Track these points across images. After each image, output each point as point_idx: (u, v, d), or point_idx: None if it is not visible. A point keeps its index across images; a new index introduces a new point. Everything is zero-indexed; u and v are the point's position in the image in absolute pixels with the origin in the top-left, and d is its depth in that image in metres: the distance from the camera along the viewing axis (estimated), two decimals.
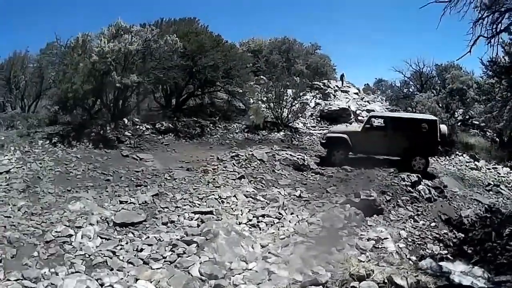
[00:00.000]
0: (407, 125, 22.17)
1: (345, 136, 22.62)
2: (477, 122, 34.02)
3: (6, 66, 27.29)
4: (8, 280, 8.76)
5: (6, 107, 25.61)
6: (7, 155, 16.96)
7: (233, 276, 9.08)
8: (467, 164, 25.56)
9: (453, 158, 26.55)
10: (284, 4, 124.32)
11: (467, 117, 34.27)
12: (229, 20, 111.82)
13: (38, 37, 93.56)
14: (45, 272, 9.27)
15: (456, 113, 33.14)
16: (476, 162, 25.93)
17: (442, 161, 25.59)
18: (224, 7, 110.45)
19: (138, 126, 23.40)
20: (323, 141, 23.89)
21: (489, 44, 12.82)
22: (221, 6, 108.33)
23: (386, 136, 21.72)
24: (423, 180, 18.14)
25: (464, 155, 27.27)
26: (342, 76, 47.22)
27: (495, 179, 22.81)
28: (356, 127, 24.86)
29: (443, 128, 22.84)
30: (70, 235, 11.24)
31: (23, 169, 16.10)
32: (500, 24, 12.71)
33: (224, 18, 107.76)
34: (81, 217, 12.34)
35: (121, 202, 14.01)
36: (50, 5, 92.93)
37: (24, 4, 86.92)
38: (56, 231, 11.30)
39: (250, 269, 9.50)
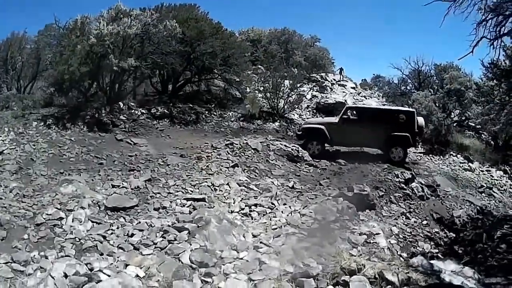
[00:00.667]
0: (384, 116, 22.60)
1: (322, 127, 22.79)
2: (473, 124, 34.24)
3: (3, 47, 27.17)
4: None
5: (2, 88, 25.48)
6: (0, 136, 16.88)
7: (224, 264, 9.00)
8: (461, 165, 25.63)
9: (447, 158, 26.65)
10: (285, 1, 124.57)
11: (463, 118, 34.36)
12: (229, 8, 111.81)
13: (37, 19, 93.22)
14: (34, 255, 9.23)
15: (452, 113, 33.20)
16: (470, 164, 25.99)
17: (436, 161, 25.69)
18: None
19: (133, 111, 23.39)
20: (299, 132, 23.95)
21: (492, 46, 12.78)
22: None
23: (364, 127, 21.86)
24: (417, 177, 18.05)
25: (459, 155, 27.38)
26: (341, 70, 47.38)
27: (488, 181, 22.88)
28: (333, 118, 24.61)
29: (421, 120, 23.15)
30: (61, 218, 11.18)
31: (17, 150, 16.03)
32: (503, 27, 12.68)
33: (225, 6, 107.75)
34: (73, 200, 12.24)
35: (113, 186, 13.91)
36: None
37: None
38: (47, 214, 11.22)
39: (241, 258, 9.43)
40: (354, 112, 23.40)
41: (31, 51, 27.71)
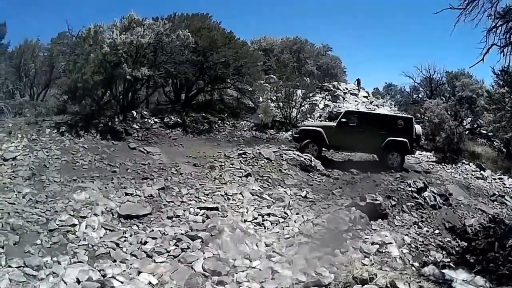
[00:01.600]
0: (383, 122, 22.50)
1: (319, 129, 22.68)
2: (485, 132, 34.06)
3: (17, 54, 27.33)
4: (10, 266, 8.80)
5: (15, 94, 25.62)
6: (14, 142, 16.92)
7: (237, 273, 9.04)
8: (473, 173, 25.46)
9: (459, 167, 26.46)
10: (298, 10, 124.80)
11: (475, 125, 34.30)
12: (241, 17, 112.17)
13: (50, 27, 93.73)
14: (47, 261, 9.29)
15: (464, 121, 33.14)
16: (482, 172, 25.83)
17: (448, 169, 25.52)
18: (237, 4, 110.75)
19: (146, 119, 23.44)
20: (296, 135, 23.90)
21: (502, 53, 12.72)
22: (234, 3, 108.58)
23: (362, 132, 21.85)
24: (429, 186, 17.96)
25: (471, 164, 27.16)
26: (358, 81, 47.29)
27: (500, 189, 22.67)
28: (331, 122, 24.73)
29: (418, 128, 23.18)
30: (74, 225, 11.21)
31: (30, 156, 16.04)
32: None
33: (237, 16, 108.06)
34: (86, 207, 12.27)
35: (126, 194, 13.94)
36: None
37: None
38: (60, 220, 11.26)
39: (254, 267, 9.46)
40: (353, 117, 23.16)
41: (44, 59, 27.85)
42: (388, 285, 7.90)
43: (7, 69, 24.00)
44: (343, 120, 22.58)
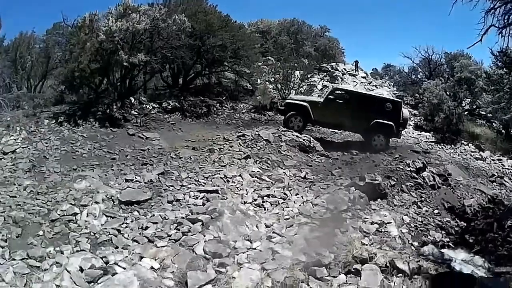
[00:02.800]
0: (370, 103, 22.46)
1: (305, 104, 22.77)
2: (484, 113, 34.09)
3: (12, 47, 27.28)
4: (13, 259, 8.88)
5: (12, 87, 25.51)
6: (13, 135, 16.96)
7: (237, 255, 9.09)
8: (472, 154, 25.67)
9: (458, 147, 26.67)
10: None
11: (474, 106, 34.32)
12: (238, 0, 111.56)
13: (45, 19, 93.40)
14: (50, 251, 9.39)
15: (463, 102, 33.16)
16: (481, 153, 26.00)
17: (447, 150, 25.70)
18: None
19: (144, 105, 23.42)
20: (281, 107, 24.32)
21: (500, 34, 12.73)
22: None
23: (349, 111, 21.85)
24: (428, 166, 18.01)
25: (470, 144, 27.34)
26: (356, 63, 47.18)
27: (499, 170, 22.89)
28: (318, 98, 24.82)
29: (406, 112, 23.34)
30: (76, 214, 11.33)
31: (29, 148, 16.14)
32: None
33: None
34: (87, 195, 12.39)
35: (126, 181, 14.03)
36: None
37: None
38: (62, 210, 11.38)
39: (254, 248, 9.51)
40: (340, 95, 23.23)
41: (40, 50, 27.82)
42: (388, 264, 8.01)
43: (3, 63, 23.93)
44: (330, 97, 22.80)
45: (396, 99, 25.38)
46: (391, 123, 21.88)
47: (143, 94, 25.21)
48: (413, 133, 29.64)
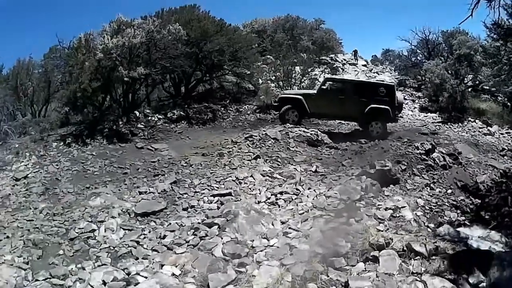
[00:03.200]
0: (364, 89, 22.54)
1: (299, 97, 22.92)
2: (488, 87, 33.98)
3: (12, 75, 27.37)
4: (37, 280, 8.99)
5: (17, 115, 25.64)
6: (23, 161, 17.11)
7: (256, 253, 9.20)
8: (480, 130, 25.64)
9: (465, 125, 26.64)
10: None
11: (476, 82, 34.23)
12: (230, 3, 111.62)
13: (40, 43, 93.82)
14: (72, 269, 9.49)
15: (465, 79, 33.08)
16: (489, 128, 25.97)
17: (455, 128, 25.69)
18: None
19: (150, 118, 23.53)
20: (275, 103, 24.41)
21: (490, 7, 12.77)
22: None
23: (343, 99, 22.07)
24: (437, 147, 18.03)
25: (477, 121, 27.31)
26: (355, 52, 47.11)
27: (509, 144, 22.88)
28: (311, 90, 24.81)
29: (400, 96, 23.46)
30: (93, 230, 11.41)
31: (41, 172, 16.27)
32: None
33: (225, 1, 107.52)
34: (103, 211, 12.47)
35: (140, 193, 14.12)
36: (48, 10, 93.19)
37: (23, 11, 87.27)
38: (79, 228, 11.46)
39: (272, 245, 9.61)
40: (333, 84, 23.36)
41: (39, 75, 27.88)
42: (405, 248, 8.10)
43: (4, 92, 24.04)
44: (324, 87, 23.02)
45: (389, 83, 25.55)
46: (387, 107, 21.91)
47: (147, 106, 25.32)
48: (419, 115, 29.65)
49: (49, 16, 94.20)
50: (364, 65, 44.48)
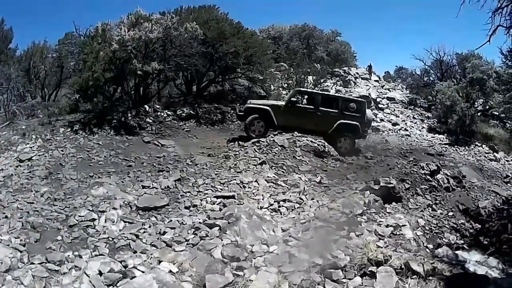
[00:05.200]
0: (334, 104, 22.00)
1: (267, 107, 21.92)
2: (497, 113, 33.97)
3: (25, 57, 27.43)
4: (32, 263, 8.97)
5: (26, 96, 25.67)
6: (28, 143, 17.24)
7: (255, 258, 9.14)
8: (486, 155, 25.64)
9: (472, 149, 26.66)
10: None
11: (487, 107, 34.26)
12: (249, 7, 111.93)
13: (56, 28, 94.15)
14: (68, 255, 9.46)
15: (476, 103, 33.06)
16: (495, 154, 25.94)
17: (461, 151, 25.69)
18: None
19: (159, 113, 23.57)
20: (241, 113, 22.99)
21: (508, 34, 12.76)
22: None
23: (312, 113, 21.59)
24: (442, 169, 17.96)
25: (484, 146, 27.29)
26: (370, 67, 46.99)
27: None
28: (279, 102, 23.80)
29: (369, 113, 23.18)
30: (94, 219, 11.43)
31: (45, 156, 16.39)
32: None
33: (244, 5, 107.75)
34: (104, 201, 12.52)
35: (143, 187, 14.15)
36: None
37: None
38: (80, 216, 11.48)
39: (271, 252, 9.55)
40: (303, 96, 23.08)
41: (53, 60, 27.95)
42: (403, 266, 8.06)
43: (16, 73, 24.07)
44: (293, 99, 22.21)
45: (360, 99, 25.15)
46: (356, 123, 21.67)
47: (157, 102, 25.33)
48: (427, 136, 29.70)
49: (68, 2, 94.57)
50: (376, 81, 44.38)
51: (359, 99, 24.76)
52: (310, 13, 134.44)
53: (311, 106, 21.95)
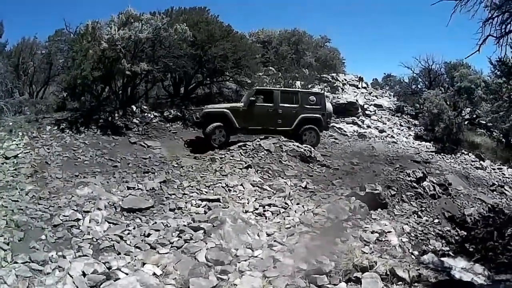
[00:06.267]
0: (294, 99, 22.06)
1: (226, 111, 21.26)
2: (484, 122, 34.27)
3: (14, 52, 27.29)
4: (16, 262, 8.89)
5: (14, 93, 25.52)
6: (15, 140, 17.07)
7: (239, 262, 9.18)
8: (472, 163, 25.66)
9: (458, 157, 26.72)
10: (296, 2, 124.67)
11: (474, 116, 34.51)
12: (239, 10, 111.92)
13: (46, 25, 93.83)
14: (52, 255, 9.42)
15: (463, 111, 33.28)
16: (481, 162, 26.02)
17: (447, 159, 25.73)
18: None
19: (146, 114, 23.48)
20: (198, 120, 22.48)
21: (498, 44, 12.84)
22: None
23: (274, 110, 21.60)
24: (428, 176, 18.03)
25: (470, 154, 27.42)
26: (361, 79, 47.16)
27: (500, 179, 22.84)
28: (238, 103, 22.95)
29: (329, 105, 23.29)
30: (78, 219, 11.37)
31: (31, 154, 16.22)
32: (509, 25, 12.74)
33: (234, 8, 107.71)
34: (89, 202, 12.46)
35: (128, 188, 14.12)
36: None
37: None
38: (64, 215, 11.43)
39: (256, 256, 9.59)
40: (263, 95, 22.44)
41: (42, 57, 27.84)
42: (388, 273, 8.12)
43: (5, 68, 23.94)
44: (252, 98, 21.66)
45: (318, 91, 25.73)
46: (318, 115, 21.91)
47: (144, 102, 25.24)
48: (413, 143, 29.79)
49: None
50: (364, 88, 44.49)
51: (318, 91, 25.58)
52: (300, 19, 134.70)
53: (271, 104, 21.75)
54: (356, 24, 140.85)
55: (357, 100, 35.58)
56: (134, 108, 23.25)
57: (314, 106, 22.07)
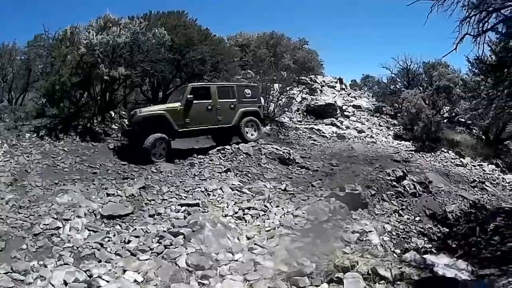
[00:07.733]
0: (231, 92, 21.70)
1: (162, 112, 19.39)
2: (463, 120, 34.53)
3: None
4: None
5: None
6: None
7: (220, 266, 9.18)
8: (453, 160, 25.94)
9: (438, 155, 26.99)
10: (274, 4, 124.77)
11: (453, 114, 34.79)
12: (217, 14, 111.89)
13: (25, 29, 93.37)
14: (34, 265, 9.36)
15: (442, 110, 33.54)
16: (461, 159, 26.34)
17: (427, 157, 25.93)
18: (213, 0, 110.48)
19: (124, 119, 23.40)
20: (131, 128, 19.95)
21: (475, 42, 13.00)
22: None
23: (212, 107, 20.86)
24: (408, 175, 18.15)
25: (450, 151, 27.71)
26: (340, 80, 47.26)
27: (480, 176, 23.11)
28: (174, 104, 20.53)
29: (261, 99, 23.37)
30: (58, 228, 11.30)
31: (11, 162, 16.12)
32: (486, 23, 12.91)
33: (213, 12, 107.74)
34: (69, 209, 12.40)
35: (108, 195, 14.04)
36: None
37: None
38: (44, 224, 11.37)
39: (236, 260, 9.60)
40: (199, 92, 20.92)
41: (21, 62, 27.70)
42: (370, 272, 8.12)
43: None
44: (189, 96, 19.97)
45: (253, 84, 25.70)
46: (256, 108, 22.01)
47: (123, 108, 25.19)
48: (393, 143, 30.02)
49: (39, 2, 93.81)
50: (343, 89, 44.67)
51: (252, 84, 25.43)
52: (278, 22, 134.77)
53: (209, 101, 20.84)
54: (335, 26, 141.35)
55: (335, 102, 35.78)
56: (113, 113, 23.20)
57: (250, 99, 22.01)
